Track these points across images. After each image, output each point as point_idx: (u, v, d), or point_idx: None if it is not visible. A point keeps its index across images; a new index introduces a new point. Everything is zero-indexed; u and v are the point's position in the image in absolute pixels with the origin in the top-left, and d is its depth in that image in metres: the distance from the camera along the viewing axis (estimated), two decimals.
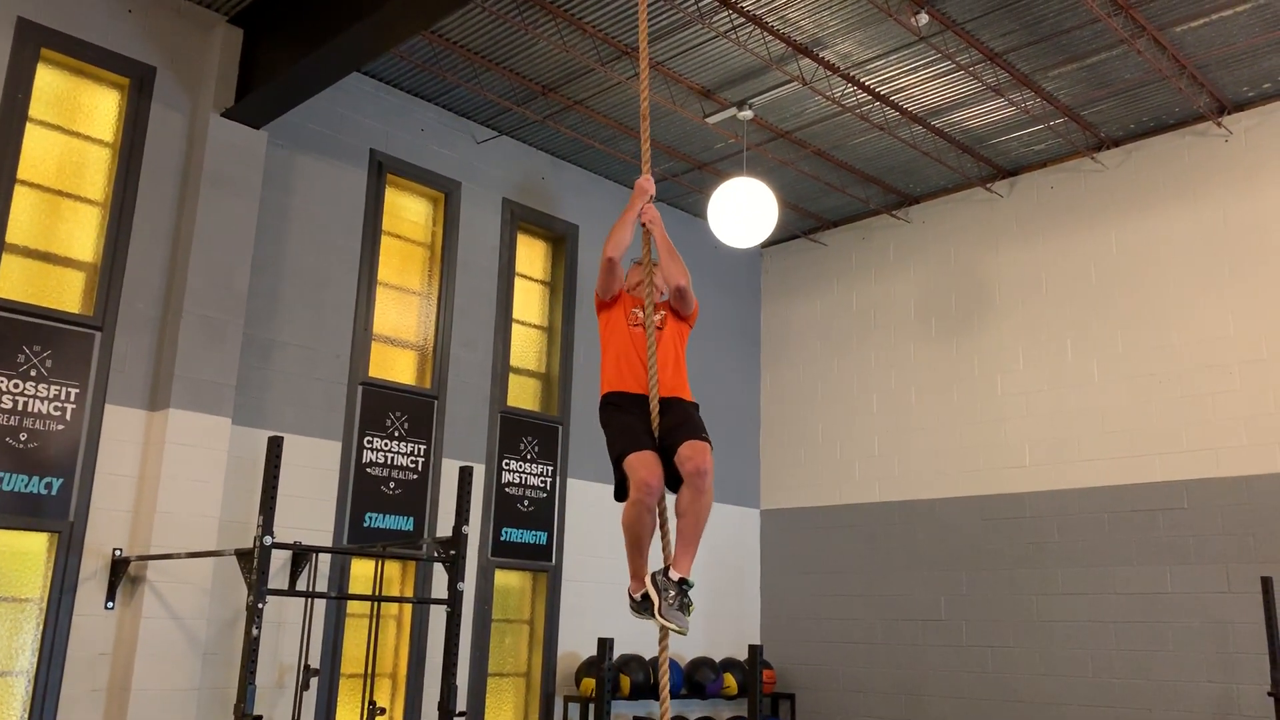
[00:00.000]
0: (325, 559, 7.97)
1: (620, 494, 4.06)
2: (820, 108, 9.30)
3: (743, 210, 9.05)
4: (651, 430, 3.97)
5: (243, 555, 5.98)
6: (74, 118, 7.47)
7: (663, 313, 4.28)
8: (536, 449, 9.67)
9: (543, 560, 9.56)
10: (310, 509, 8.02)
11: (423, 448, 8.80)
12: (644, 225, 4.25)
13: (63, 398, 6.94)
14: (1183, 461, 8.87)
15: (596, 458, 9.92)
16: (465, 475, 6.83)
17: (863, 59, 8.56)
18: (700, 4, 7.81)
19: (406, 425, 8.73)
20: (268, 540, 5.75)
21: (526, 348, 10.07)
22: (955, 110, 9.34)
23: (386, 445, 8.59)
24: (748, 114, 9.24)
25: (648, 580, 3.86)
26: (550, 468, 9.75)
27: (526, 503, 9.51)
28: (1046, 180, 10.26)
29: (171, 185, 7.65)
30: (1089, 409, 9.50)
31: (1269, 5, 7.71)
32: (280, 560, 7.54)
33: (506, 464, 9.42)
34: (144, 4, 7.67)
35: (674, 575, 3.85)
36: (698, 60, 8.64)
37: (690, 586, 3.86)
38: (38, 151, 7.23)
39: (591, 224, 10.46)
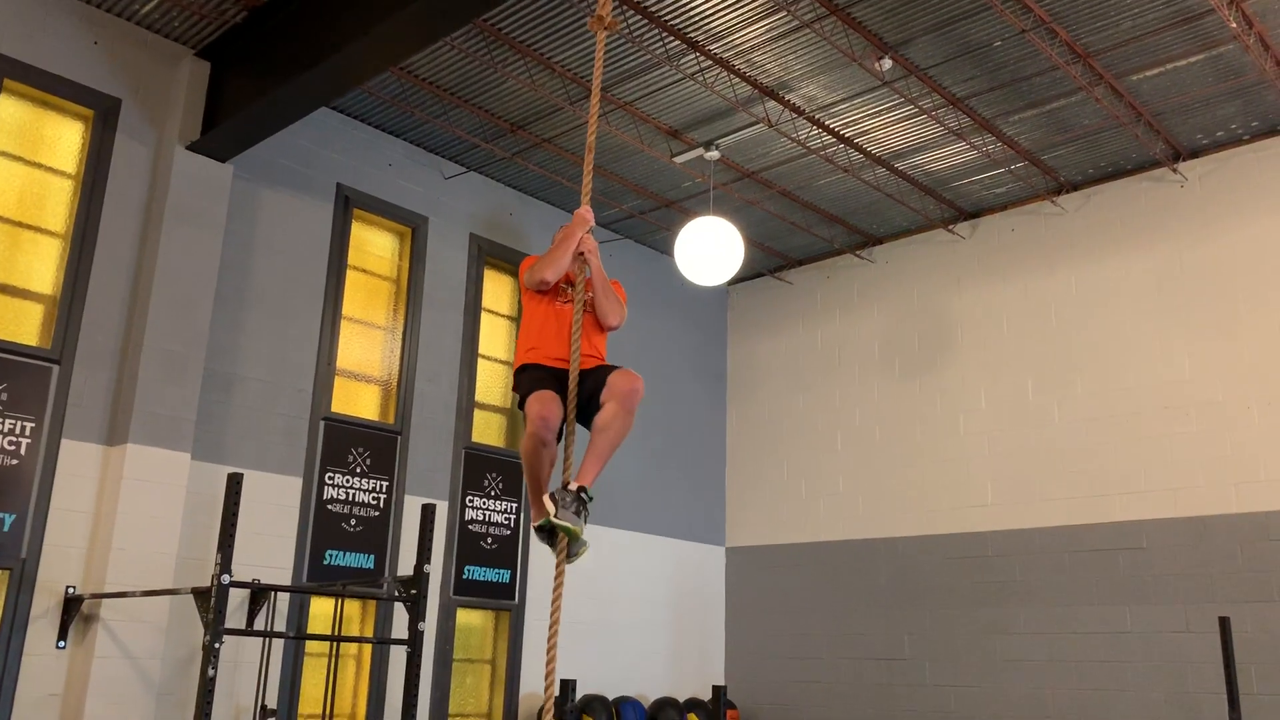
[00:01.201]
0: (284, 597, 7.85)
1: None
2: (786, 149, 9.41)
3: (709, 248, 9.12)
4: (562, 381, 4.10)
5: (200, 594, 5.88)
6: (36, 149, 7.40)
7: (590, 294, 4.37)
8: (501, 485, 9.61)
9: (505, 599, 9.47)
10: (269, 546, 7.90)
11: (385, 484, 8.72)
12: (582, 254, 4.35)
13: (18, 431, 6.81)
14: (1142, 502, 8.98)
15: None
16: (428, 513, 6.77)
17: (827, 102, 8.68)
18: (668, 46, 7.90)
19: (369, 461, 8.65)
20: (226, 579, 5.66)
21: (492, 383, 10.03)
22: (918, 153, 9.49)
23: (348, 481, 8.50)
24: (715, 154, 9.33)
25: (546, 499, 3.89)
26: (514, 504, 9.69)
27: (490, 540, 9.44)
28: (1007, 223, 10.43)
29: (134, 218, 7.58)
30: (1050, 449, 9.60)
31: (1221, 57, 7.92)
32: (238, 598, 7.42)
33: (470, 500, 9.35)
34: (110, 36, 7.63)
35: (573, 486, 3.92)
36: (666, 101, 8.72)
37: (590, 498, 3.93)
38: None
39: None
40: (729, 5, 7.47)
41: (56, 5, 7.39)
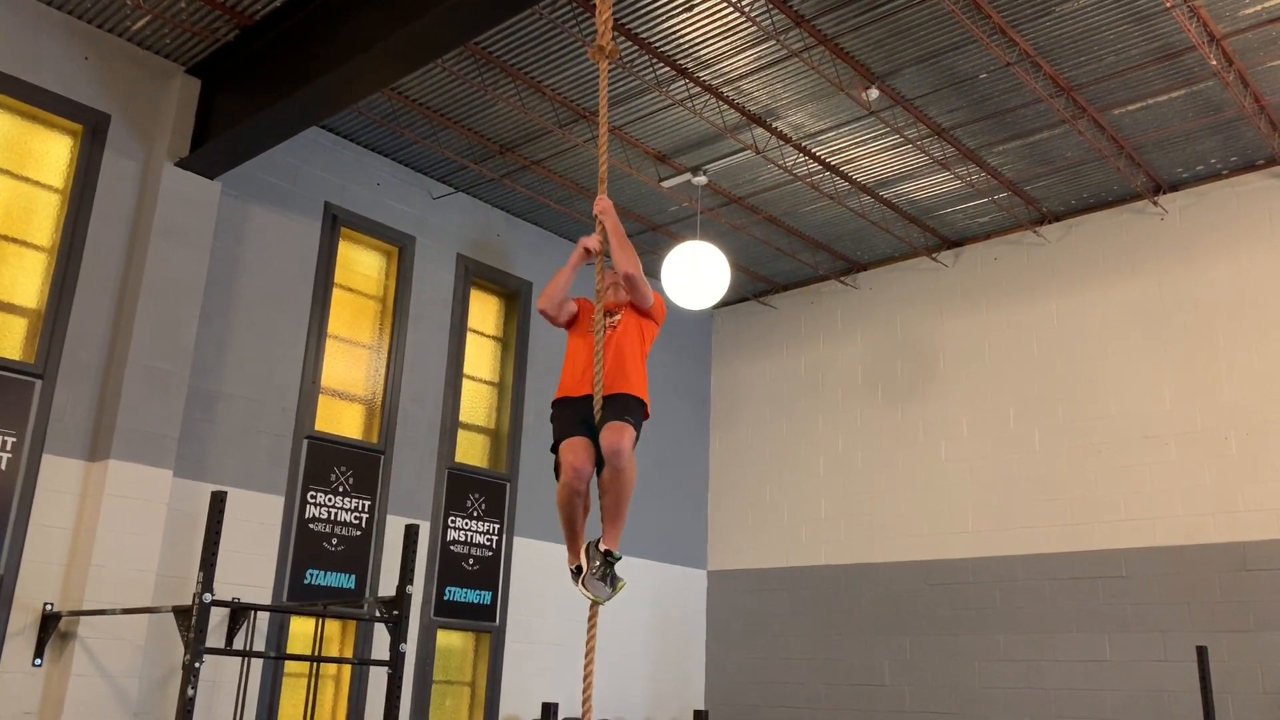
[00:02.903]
0: (264, 616, 7.80)
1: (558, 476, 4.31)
2: (772, 176, 9.49)
3: (695, 272, 9.18)
4: (587, 421, 4.17)
5: (180, 612, 5.84)
6: (24, 163, 7.38)
7: (618, 315, 4.42)
8: (483, 506, 9.60)
9: (486, 620, 9.43)
10: (250, 564, 7.86)
11: (367, 503, 8.69)
12: (596, 216, 4.44)
13: None
14: (1121, 530, 9.04)
15: (545, 516, 9.87)
16: (410, 533, 6.74)
17: (814, 130, 8.77)
18: (658, 72, 7.97)
19: (351, 480, 8.63)
20: (207, 597, 5.62)
21: (476, 403, 10.03)
22: (903, 182, 9.58)
23: (330, 500, 8.47)
24: (702, 179, 9.40)
25: (582, 551, 4.14)
26: (497, 525, 9.67)
27: (471, 561, 9.41)
28: (990, 252, 10.53)
29: (121, 233, 7.57)
30: (1031, 477, 9.67)
31: (1201, 93, 8.05)
32: (217, 617, 7.36)
33: (452, 521, 9.33)
34: (101, 51, 7.64)
35: (602, 547, 4.12)
36: (654, 126, 8.79)
37: (616, 559, 4.12)
38: None
39: (545, 281, 10.47)
40: (719, 33, 7.55)
41: (48, 21, 7.40)
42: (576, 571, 4.11)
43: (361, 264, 9.36)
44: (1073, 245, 9.98)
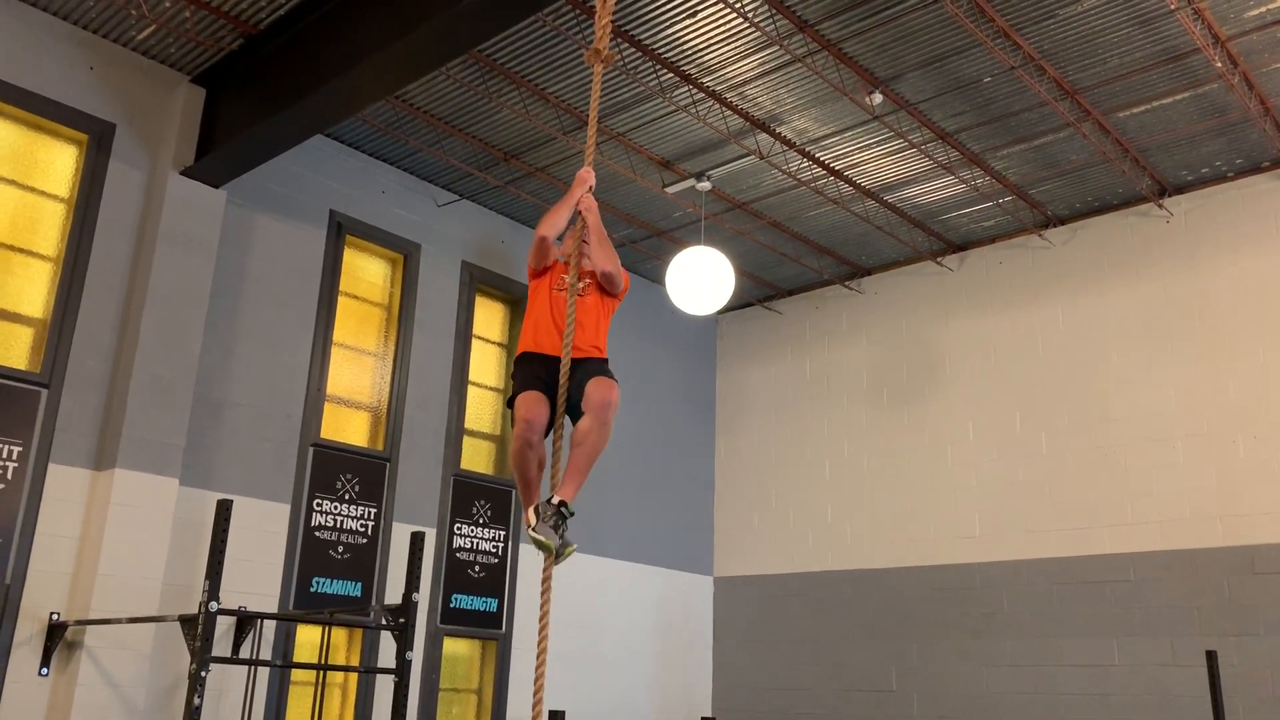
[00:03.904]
0: (270, 624, 7.79)
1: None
2: (777, 181, 9.49)
3: (700, 278, 9.18)
4: (548, 379, 4.16)
5: (186, 621, 5.83)
6: (30, 173, 7.40)
7: (588, 280, 4.45)
8: (490, 513, 9.59)
9: (493, 628, 9.42)
10: (256, 573, 7.85)
11: (373, 511, 8.69)
12: (579, 213, 4.47)
13: (5, 456, 6.77)
14: (1128, 534, 9.01)
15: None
16: (416, 541, 6.74)
17: (818, 135, 8.76)
18: (662, 79, 7.97)
19: (357, 488, 8.63)
20: (213, 606, 5.62)
21: (482, 410, 10.03)
22: (907, 186, 9.57)
23: (336, 508, 8.47)
24: (706, 185, 9.40)
25: (530, 512, 4.03)
26: (503, 532, 9.66)
27: (478, 568, 9.40)
28: (995, 255, 10.52)
29: (127, 242, 7.58)
30: (1037, 480, 9.64)
31: (1206, 95, 8.04)
32: (224, 626, 7.37)
33: (458, 528, 9.32)
34: (106, 61, 7.66)
35: (555, 500, 4.01)
36: (658, 132, 8.79)
37: (570, 514, 4.00)
38: None
39: None
40: (722, 39, 7.55)
41: (53, 31, 7.42)
42: (529, 529, 4.04)
43: (366, 271, 9.37)
44: (1078, 249, 9.97)
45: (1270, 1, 6.99)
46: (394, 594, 8.24)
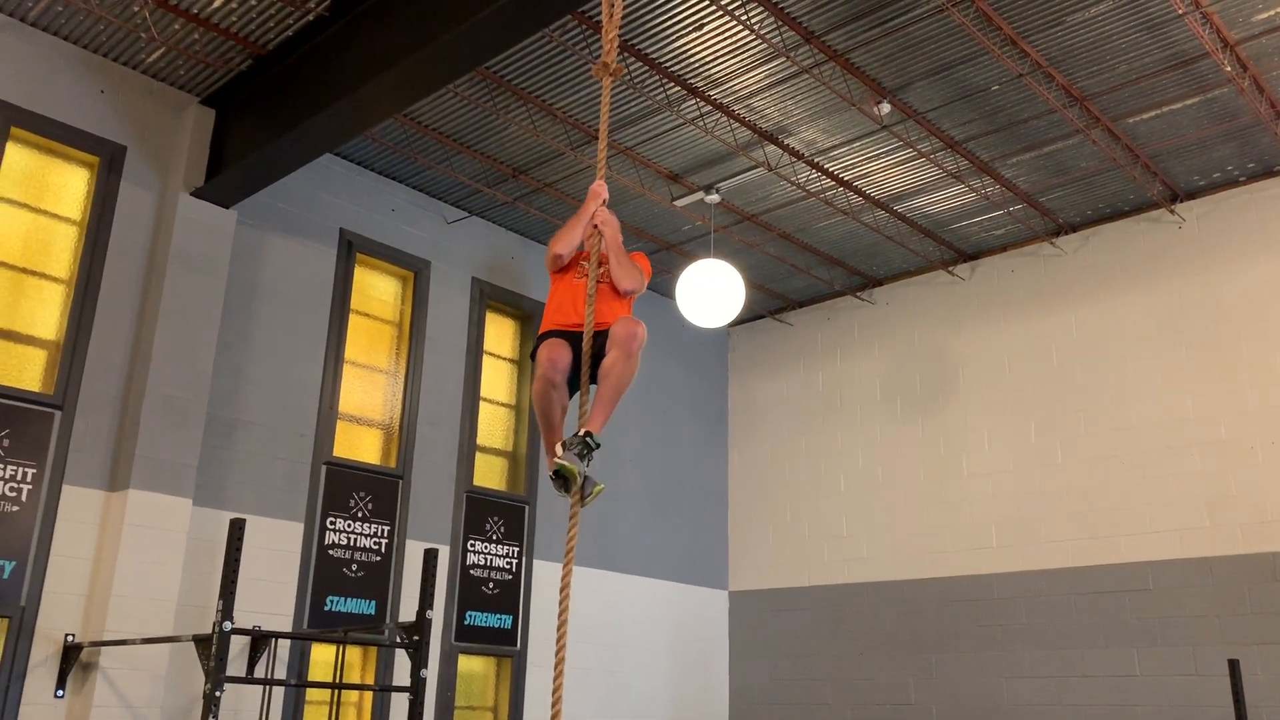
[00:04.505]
0: (284, 644, 7.78)
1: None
2: (785, 192, 9.48)
3: (710, 291, 9.17)
4: (571, 342, 4.19)
5: (200, 641, 5.83)
6: (42, 196, 7.44)
7: (607, 267, 4.47)
8: (503, 529, 9.57)
9: (507, 645, 9.39)
10: (270, 592, 7.85)
11: (386, 529, 8.68)
12: (596, 227, 4.47)
13: (19, 478, 6.79)
14: (1147, 542, 8.93)
15: (564, 538, 9.84)
16: (430, 558, 6.73)
17: (826, 146, 8.76)
18: (669, 92, 7.98)
19: (370, 506, 8.62)
20: (227, 626, 5.61)
21: (494, 426, 10.02)
22: (917, 196, 9.55)
23: (350, 526, 8.46)
24: (715, 198, 9.40)
25: (557, 446, 4.02)
26: (516, 549, 9.64)
27: (492, 585, 9.37)
28: (1007, 264, 10.48)
29: (138, 263, 7.62)
30: (1053, 490, 9.57)
31: (1216, 99, 8.00)
32: (238, 645, 7.35)
33: (472, 545, 9.30)
34: (116, 84, 7.71)
35: (582, 430, 4.02)
36: (666, 145, 8.80)
37: (597, 445, 4.00)
38: (3, 229, 7.19)
39: None
40: (728, 52, 7.56)
41: (64, 55, 7.48)
42: (553, 476, 4.00)
43: (377, 289, 9.39)
44: (1090, 256, 9.92)
45: (1278, 4, 6.96)
46: (408, 612, 8.21)
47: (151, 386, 7.29)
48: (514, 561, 9.59)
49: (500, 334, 10.31)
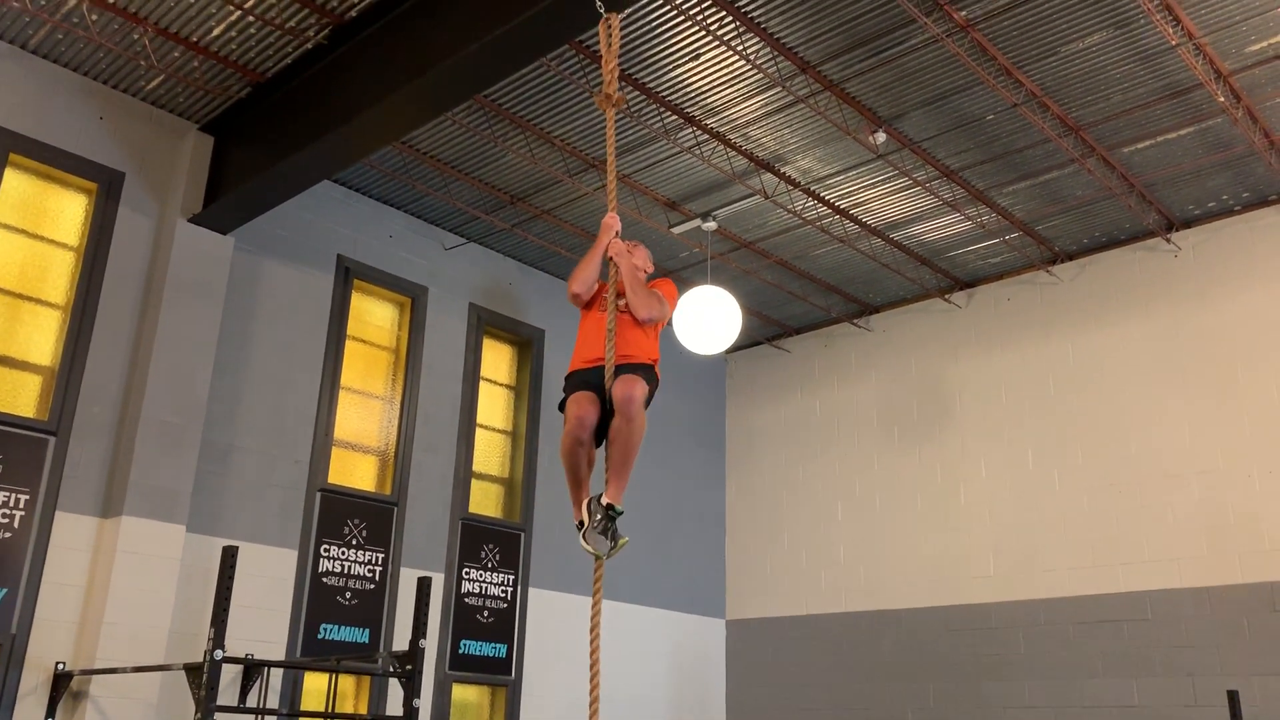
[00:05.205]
0: (277, 672, 7.72)
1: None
2: (782, 220, 9.50)
3: (707, 317, 9.15)
4: (596, 386, 4.29)
5: (192, 670, 5.78)
6: (39, 221, 7.46)
7: (622, 296, 4.53)
8: (498, 557, 9.52)
9: (502, 674, 9.32)
10: (263, 620, 7.79)
11: (381, 556, 8.64)
12: (610, 259, 4.54)
13: (12, 504, 6.76)
14: (1146, 572, 8.89)
15: (560, 566, 9.79)
16: (423, 586, 6.67)
17: (823, 174, 8.79)
18: (666, 121, 8.01)
19: (365, 533, 8.58)
20: (219, 654, 5.56)
21: (490, 452, 9.99)
22: (913, 224, 9.58)
23: (344, 554, 8.42)
24: (712, 225, 9.42)
25: (585, 506, 4.17)
26: (511, 576, 9.58)
27: (486, 613, 9.31)
28: (1003, 292, 10.49)
29: (135, 289, 7.62)
30: (1051, 518, 9.53)
31: (1210, 129, 8.04)
32: (231, 674, 7.28)
33: (466, 572, 9.25)
34: (116, 111, 7.74)
35: (604, 500, 4.15)
36: (663, 173, 8.83)
37: (618, 514, 4.13)
38: (0, 255, 7.19)
39: (558, 328, 10.51)
40: (725, 82, 7.60)
41: (64, 82, 7.52)
42: (580, 527, 4.16)
43: (374, 315, 9.39)
44: (1086, 284, 9.93)
45: (1271, 36, 7.01)
46: (402, 640, 8.17)
47: (146, 412, 7.27)
48: (509, 590, 9.54)
49: (497, 360, 10.31)
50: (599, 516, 4.09)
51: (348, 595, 8.35)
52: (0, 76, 7.23)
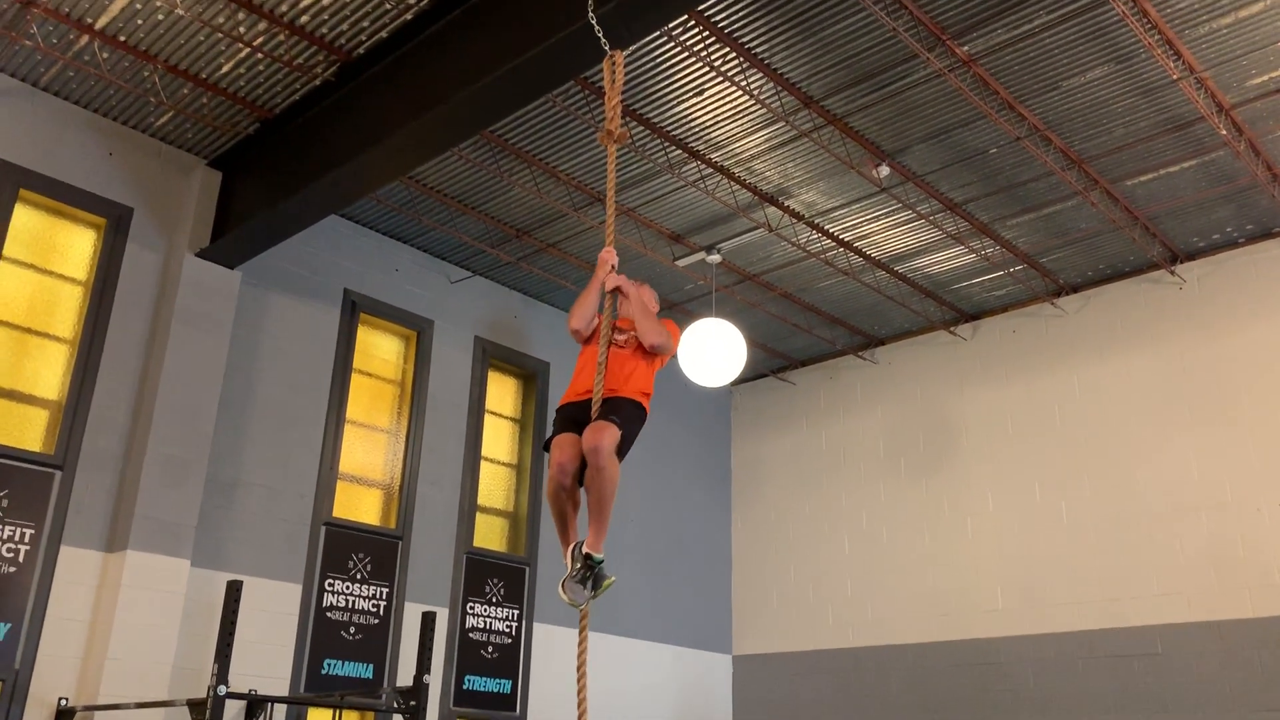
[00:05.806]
0: (280, 708, 7.66)
1: None
2: (786, 253, 9.53)
3: (712, 350, 9.16)
4: (581, 421, 4.28)
5: (195, 706, 5.75)
6: (48, 256, 7.50)
7: (630, 333, 4.58)
8: (503, 591, 9.47)
9: (506, 710, 9.24)
10: (267, 654, 7.76)
11: (385, 590, 8.60)
12: (609, 293, 4.58)
13: (17, 539, 6.76)
14: (1154, 606, 8.82)
15: (568, 609, 9.72)
16: (428, 621, 6.66)
17: (827, 207, 8.83)
18: (670, 155, 8.07)
19: (369, 567, 8.55)
20: (222, 690, 5.54)
21: (495, 486, 9.97)
22: (918, 256, 9.60)
23: (348, 588, 8.39)
24: (716, 258, 9.45)
25: (569, 552, 4.20)
26: (516, 611, 9.53)
27: (491, 649, 9.26)
28: (1008, 324, 10.49)
29: (142, 323, 7.65)
30: (1059, 552, 9.48)
31: (1214, 162, 8.07)
32: (234, 710, 7.23)
33: (471, 607, 9.20)
34: (124, 147, 7.81)
35: (584, 550, 4.16)
36: (668, 207, 8.87)
37: (598, 563, 4.14)
38: (9, 289, 7.25)
39: (563, 361, 10.52)
40: (729, 117, 7.66)
41: (73, 118, 7.59)
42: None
43: (380, 349, 9.41)
44: (1092, 316, 9.93)
45: (1272, 69, 7.05)
46: (406, 675, 8.11)
47: (152, 446, 7.28)
48: (514, 625, 9.49)
49: (502, 393, 10.31)
50: (578, 565, 4.11)
51: (352, 630, 8.31)
52: (11, 113, 7.31)
